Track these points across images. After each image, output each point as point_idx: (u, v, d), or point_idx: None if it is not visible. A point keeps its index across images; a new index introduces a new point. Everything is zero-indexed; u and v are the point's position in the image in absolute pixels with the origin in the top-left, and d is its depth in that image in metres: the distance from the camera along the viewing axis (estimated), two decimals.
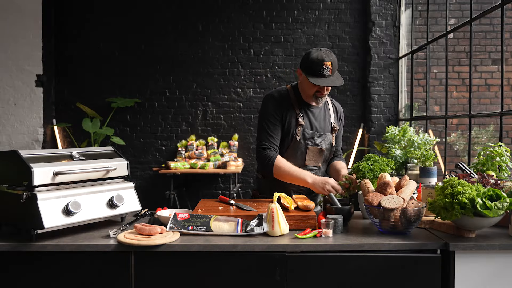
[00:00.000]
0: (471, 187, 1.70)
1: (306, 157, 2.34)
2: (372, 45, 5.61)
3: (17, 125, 5.78)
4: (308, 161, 2.35)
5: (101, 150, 2.07)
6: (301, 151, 2.33)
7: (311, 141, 2.33)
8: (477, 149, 2.55)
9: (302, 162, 2.34)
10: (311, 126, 2.34)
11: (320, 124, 2.37)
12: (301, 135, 2.31)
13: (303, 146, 2.32)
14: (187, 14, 5.80)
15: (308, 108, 2.35)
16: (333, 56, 2.24)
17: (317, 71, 2.18)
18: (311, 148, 2.33)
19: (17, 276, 1.72)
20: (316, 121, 2.36)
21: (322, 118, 2.39)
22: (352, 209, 1.97)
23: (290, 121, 2.31)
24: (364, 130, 5.77)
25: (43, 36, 5.71)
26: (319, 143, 2.35)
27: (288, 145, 2.33)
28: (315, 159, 2.36)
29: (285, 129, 2.32)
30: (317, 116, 2.37)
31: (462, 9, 6.02)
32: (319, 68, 2.18)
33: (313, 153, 2.34)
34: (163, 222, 1.94)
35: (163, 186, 5.74)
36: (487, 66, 6.06)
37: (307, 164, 2.35)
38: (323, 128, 2.38)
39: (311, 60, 2.20)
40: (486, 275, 1.70)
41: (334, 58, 2.23)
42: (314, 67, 2.19)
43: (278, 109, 2.31)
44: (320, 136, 2.35)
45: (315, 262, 1.71)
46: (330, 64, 2.19)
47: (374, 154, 2.26)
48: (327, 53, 2.22)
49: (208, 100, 5.87)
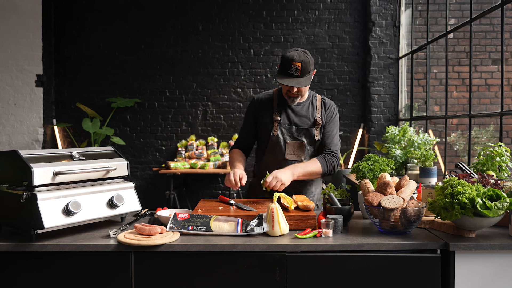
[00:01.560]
0: (471, 187, 1.70)
1: (285, 151, 2.38)
2: (372, 45, 5.61)
3: (17, 125, 5.78)
4: (288, 155, 2.38)
5: (101, 150, 2.07)
6: (280, 145, 2.38)
7: (290, 135, 2.38)
8: (477, 149, 2.55)
9: (282, 156, 2.38)
10: (289, 121, 2.39)
11: (301, 119, 2.40)
12: (278, 130, 2.38)
13: (281, 141, 2.38)
14: (187, 14, 5.81)
15: (288, 105, 2.42)
16: (307, 58, 2.24)
17: (286, 70, 2.23)
18: (290, 142, 2.37)
19: (17, 276, 1.72)
20: (296, 116, 2.40)
21: (303, 113, 2.41)
22: (352, 209, 1.97)
23: (266, 119, 2.41)
24: (364, 130, 5.77)
25: (43, 36, 5.71)
26: (298, 137, 2.38)
27: (267, 141, 2.40)
28: (296, 153, 2.38)
29: (261, 127, 2.43)
30: (297, 112, 2.41)
31: (462, 9, 6.02)
32: (288, 67, 2.22)
33: (293, 147, 2.38)
34: (163, 222, 1.94)
35: (163, 186, 5.75)
36: (487, 66, 6.06)
37: (287, 158, 2.38)
38: (303, 122, 2.39)
39: (283, 58, 2.26)
40: (486, 275, 1.70)
41: (306, 60, 2.23)
42: (284, 65, 2.24)
43: (251, 111, 2.50)
44: (298, 130, 2.38)
45: (315, 262, 1.71)
46: (299, 65, 2.21)
47: (374, 154, 2.26)
48: (300, 54, 2.23)
49: (208, 100, 5.87)
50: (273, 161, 2.38)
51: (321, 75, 5.78)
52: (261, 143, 2.49)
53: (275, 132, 2.38)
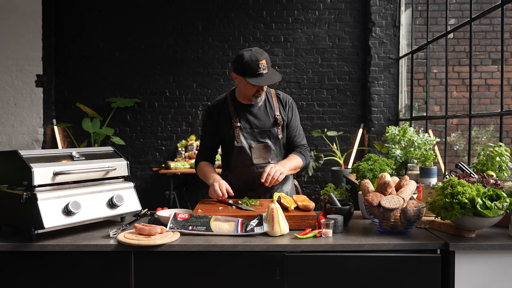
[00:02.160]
0: (471, 187, 1.70)
1: (252, 156, 2.33)
2: (372, 45, 5.61)
3: (17, 125, 5.78)
4: (255, 159, 2.33)
5: (101, 150, 2.07)
6: (245, 151, 2.33)
7: (253, 139, 2.34)
8: (477, 149, 2.55)
9: (250, 161, 2.33)
10: (250, 125, 2.34)
11: (260, 121, 2.35)
12: (241, 136, 2.33)
13: (246, 146, 2.33)
14: (187, 14, 5.81)
15: (245, 108, 2.36)
16: (265, 53, 2.25)
17: (255, 71, 2.19)
18: (255, 146, 2.33)
19: (17, 276, 1.72)
20: (256, 119, 2.35)
21: (262, 114, 2.37)
22: (352, 209, 1.97)
23: (226, 126, 2.35)
24: (364, 130, 5.77)
25: (43, 36, 5.71)
26: (262, 139, 2.34)
27: (232, 148, 2.35)
28: (263, 156, 2.34)
29: (223, 135, 2.37)
30: (256, 114, 2.36)
31: (462, 9, 6.02)
32: (256, 68, 2.18)
33: (259, 151, 2.34)
34: (163, 222, 1.94)
35: (163, 186, 5.75)
36: (487, 66, 6.06)
37: (255, 162, 2.33)
38: (264, 124, 2.36)
39: (246, 62, 2.19)
40: (486, 275, 1.70)
41: (266, 55, 2.24)
42: (251, 68, 2.18)
43: (208, 121, 2.42)
44: (261, 133, 2.34)
45: (315, 262, 1.71)
46: (264, 62, 2.20)
47: (374, 154, 2.26)
48: (258, 52, 2.22)
49: (208, 100, 5.87)
50: (242, 167, 2.34)
51: (321, 75, 5.78)
52: (225, 150, 2.43)
53: (238, 138, 2.32)
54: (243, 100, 2.37)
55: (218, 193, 2.17)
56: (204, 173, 2.38)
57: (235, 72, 2.27)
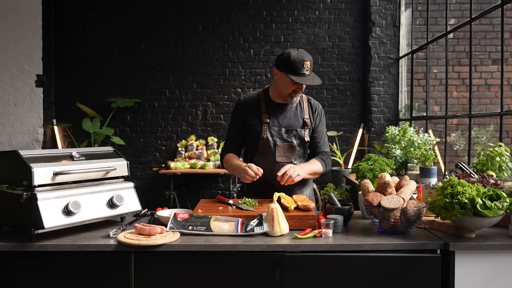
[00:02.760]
0: (471, 187, 1.70)
1: (276, 153, 2.36)
2: (372, 45, 5.61)
3: (17, 125, 5.78)
4: (278, 157, 2.36)
5: (101, 150, 2.07)
6: (270, 148, 2.36)
7: (279, 137, 2.37)
8: (477, 149, 2.55)
9: (273, 158, 2.36)
10: (278, 123, 2.38)
11: (289, 121, 2.39)
12: (268, 132, 2.36)
13: (271, 143, 2.36)
14: (187, 14, 5.81)
15: (277, 107, 2.40)
16: (310, 56, 2.30)
17: (299, 70, 2.23)
18: (280, 144, 2.36)
19: (17, 276, 1.72)
20: (285, 118, 2.39)
21: (292, 115, 2.41)
22: (352, 209, 1.97)
23: (254, 121, 2.38)
24: (364, 130, 5.77)
25: (43, 36, 5.71)
26: (288, 138, 2.37)
27: (257, 143, 2.38)
28: (287, 155, 2.38)
29: (250, 129, 2.40)
30: (286, 114, 2.40)
31: (462, 9, 6.02)
32: (301, 67, 2.23)
33: (283, 149, 2.37)
34: (163, 222, 1.94)
35: (163, 186, 5.75)
36: (487, 66, 6.06)
37: (278, 160, 2.36)
38: (292, 124, 2.39)
39: (293, 60, 2.23)
40: (486, 275, 1.70)
41: (311, 58, 2.30)
42: (296, 66, 2.23)
43: (238, 113, 2.45)
44: (288, 132, 2.37)
45: (315, 262, 1.71)
46: (309, 63, 2.26)
47: (374, 154, 2.26)
48: (305, 53, 2.28)
49: (208, 100, 5.87)
50: (264, 163, 2.34)
51: (321, 75, 5.78)
52: (250, 145, 2.45)
53: (265, 134, 2.35)
54: (278, 99, 2.40)
55: (251, 173, 2.18)
56: (232, 164, 2.39)
57: (278, 68, 2.30)
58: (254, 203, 2.13)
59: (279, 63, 2.29)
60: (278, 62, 2.30)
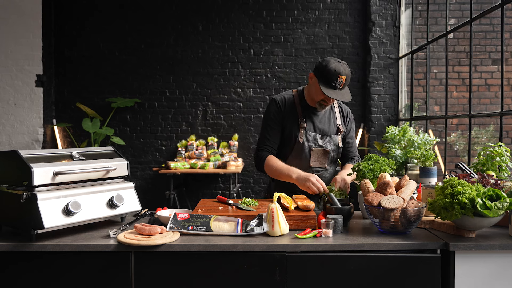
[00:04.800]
0: (471, 187, 1.70)
1: (310, 158, 2.38)
2: (372, 45, 5.61)
3: (17, 125, 5.78)
4: (313, 162, 2.38)
5: (101, 150, 2.07)
6: (305, 152, 2.37)
7: (315, 142, 2.38)
8: (477, 149, 2.55)
9: (307, 163, 2.38)
10: (314, 128, 2.39)
11: (324, 126, 2.41)
12: (304, 137, 2.36)
13: (307, 148, 2.37)
14: (187, 14, 5.81)
15: (312, 111, 2.40)
16: (349, 70, 2.26)
17: (331, 82, 2.21)
18: (315, 149, 2.37)
19: (17, 276, 1.72)
20: (320, 123, 2.41)
21: (326, 120, 2.43)
22: (352, 209, 1.97)
23: (291, 124, 2.37)
24: (364, 130, 5.77)
25: (43, 36, 5.71)
26: (323, 144, 2.39)
27: (292, 147, 2.38)
28: (321, 160, 2.40)
29: (286, 132, 2.38)
30: (321, 119, 2.41)
31: (462, 9, 6.02)
32: (334, 79, 2.21)
33: (317, 155, 2.38)
34: (163, 222, 1.94)
35: (163, 186, 5.75)
36: (487, 66, 6.06)
37: (312, 165, 2.38)
38: (327, 130, 2.42)
39: (328, 70, 2.21)
40: (486, 275, 1.70)
41: (349, 73, 2.26)
42: (329, 77, 2.21)
43: (278, 113, 2.39)
44: (323, 138, 2.39)
45: (315, 262, 1.71)
46: (344, 78, 2.22)
47: (374, 154, 2.26)
48: (344, 67, 2.24)
49: (208, 100, 5.87)
50: (297, 167, 2.32)
51: None
52: (283, 148, 2.42)
53: (301, 139, 2.36)
54: (310, 102, 2.40)
55: (317, 186, 2.15)
56: (279, 167, 2.31)
57: (314, 73, 2.29)
58: (254, 203, 2.13)
59: (316, 69, 2.29)
60: (316, 68, 2.29)
